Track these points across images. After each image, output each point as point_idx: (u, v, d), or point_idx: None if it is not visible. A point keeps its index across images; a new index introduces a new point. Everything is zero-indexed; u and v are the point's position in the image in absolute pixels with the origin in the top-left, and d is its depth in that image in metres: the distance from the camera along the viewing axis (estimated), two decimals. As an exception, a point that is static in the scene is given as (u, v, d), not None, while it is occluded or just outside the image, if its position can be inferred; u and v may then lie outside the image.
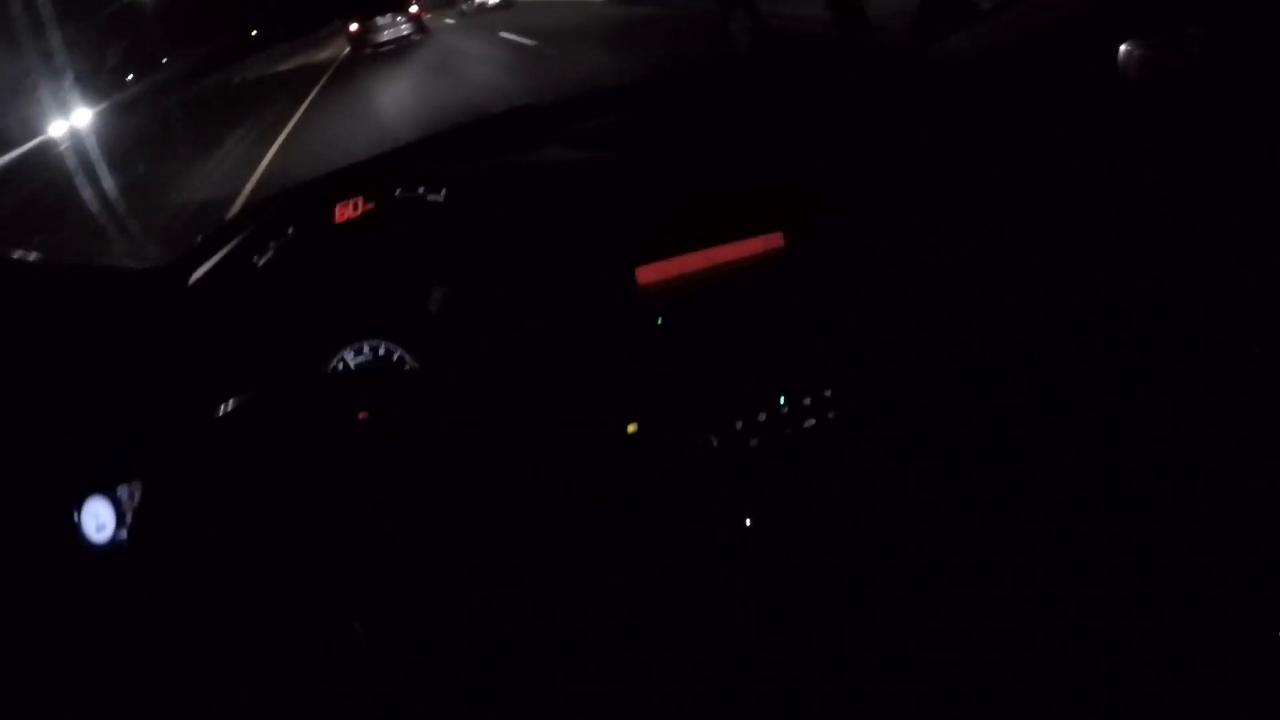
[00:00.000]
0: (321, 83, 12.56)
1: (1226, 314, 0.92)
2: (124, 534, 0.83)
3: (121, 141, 7.01)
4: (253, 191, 6.26)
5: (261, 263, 1.04)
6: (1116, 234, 0.96)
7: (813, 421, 0.91)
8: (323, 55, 17.29)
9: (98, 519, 0.84)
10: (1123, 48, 0.91)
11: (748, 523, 0.93)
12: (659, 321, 0.89)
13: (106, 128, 6.77)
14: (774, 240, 0.92)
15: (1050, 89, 1.01)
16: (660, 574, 0.88)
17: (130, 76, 9.60)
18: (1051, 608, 0.87)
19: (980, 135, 1.03)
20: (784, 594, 0.88)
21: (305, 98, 11.10)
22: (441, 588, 0.82)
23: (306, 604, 0.78)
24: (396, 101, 8.61)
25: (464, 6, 20.03)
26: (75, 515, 0.84)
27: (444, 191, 0.99)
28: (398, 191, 1.01)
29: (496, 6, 16.65)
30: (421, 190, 1.00)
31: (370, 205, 1.01)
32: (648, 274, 0.90)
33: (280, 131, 8.88)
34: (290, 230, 1.04)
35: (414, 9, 15.59)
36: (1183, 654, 0.83)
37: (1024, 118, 1.03)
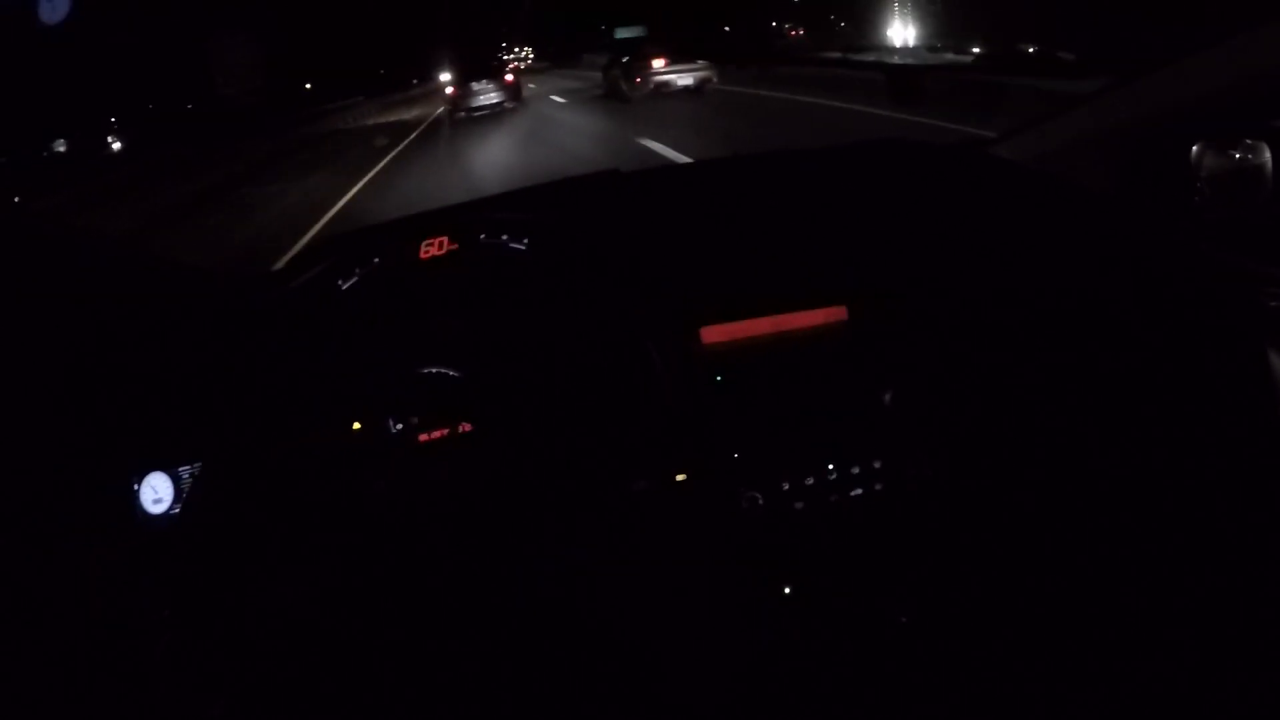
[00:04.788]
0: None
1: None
2: (178, 508, 0.88)
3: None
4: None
5: (346, 287, 1.12)
6: (1164, 327, 0.97)
7: (859, 491, 0.93)
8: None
9: (155, 492, 0.89)
10: (1195, 147, 0.95)
11: (786, 590, 0.94)
12: (718, 379, 0.93)
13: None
14: (838, 313, 0.95)
15: (1115, 187, 1.04)
16: (688, 624, 0.88)
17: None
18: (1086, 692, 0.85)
19: (1038, 230, 1.06)
20: (808, 663, 0.87)
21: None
22: (473, 611, 0.84)
23: (340, 603, 0.81)
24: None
25: (623, 85, 12.59)
26: (135, 485, 0.90)
27: (526, 240, 1.06)
28: (482, 235, 1.08)
29: (683, 90, 11.43)
30: (505, 237, 1.07)
31: (454, 245, 1.09)
32: (712, 334, 0.94)
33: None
34: (376, 260, 1.12)
35: (509, 77, 15.83)
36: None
37: (1079, 213, 1.05)
